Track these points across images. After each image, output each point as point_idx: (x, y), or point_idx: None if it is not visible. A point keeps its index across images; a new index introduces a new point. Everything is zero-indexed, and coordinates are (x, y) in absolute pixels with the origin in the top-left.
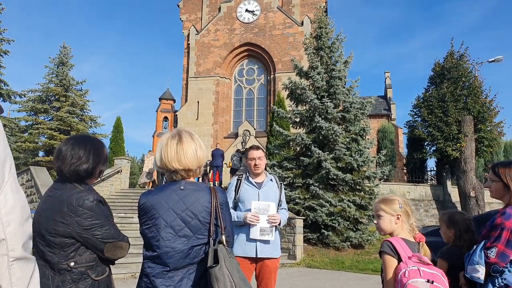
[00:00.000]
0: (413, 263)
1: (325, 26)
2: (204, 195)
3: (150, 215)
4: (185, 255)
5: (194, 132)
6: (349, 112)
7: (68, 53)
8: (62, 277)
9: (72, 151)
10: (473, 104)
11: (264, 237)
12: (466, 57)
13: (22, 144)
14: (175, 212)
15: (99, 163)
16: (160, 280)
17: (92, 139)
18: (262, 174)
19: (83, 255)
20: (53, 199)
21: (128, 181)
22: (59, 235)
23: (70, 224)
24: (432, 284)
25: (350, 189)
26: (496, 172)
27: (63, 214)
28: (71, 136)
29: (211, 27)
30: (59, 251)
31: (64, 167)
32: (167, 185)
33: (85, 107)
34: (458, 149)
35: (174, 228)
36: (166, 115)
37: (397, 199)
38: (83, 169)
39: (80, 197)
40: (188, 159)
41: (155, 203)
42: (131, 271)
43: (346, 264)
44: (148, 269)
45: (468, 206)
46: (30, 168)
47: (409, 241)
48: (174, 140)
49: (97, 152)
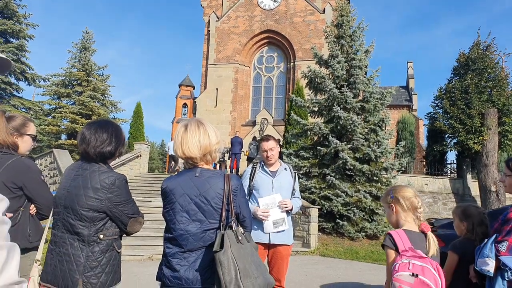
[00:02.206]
0: (406, 257)
1: (347, 14)
2: (217, 181)
3: (169, 200)
4: (199, 238)
5: (212, 119)
6: (369, 102)
7: (90, 39)
8: (91, 248)
9: (96, 135)
10: (498, 96)
11: (278, 228)
12: (493, 48)
13: (46, 127)
14: (190, 197)
15: (120, 145)
16: (176, 260)
17: (112, 123)
18: (276, 163)
19: (110, 229)
20: (83, 177)
21: (147, 166)
22: (92, 210)
23: (103, 199)
24: (417, 277)
25: (367, 180)
26: (510, 167)
27: (96, 190)
28: (93, 121)
29: (231, 13)
30: (90, 224)
31: (90, 149)
32: (185, 171)
33: (106, 92)
34: (480, 143)
35: (188, 212)
36: (186, 101)
37: (390, 189)
38: (108, 151)
39: (112, 176)
40: (190, 147)
41: (173, 188)
42: (148, 253)
43: (360, 254)
44: (167, 249)
45: (488, 201)
46: (53, 151)
47: (413, 232)
48: (181, 130)
49: (118, 135)
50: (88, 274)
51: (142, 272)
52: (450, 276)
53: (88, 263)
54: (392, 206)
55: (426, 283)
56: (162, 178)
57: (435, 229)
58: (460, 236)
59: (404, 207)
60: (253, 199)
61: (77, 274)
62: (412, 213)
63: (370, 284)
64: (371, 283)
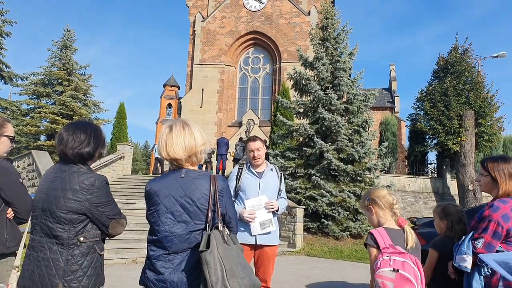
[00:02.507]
0: (387, 254)
1: (332, 17)
2: (203, 182)
3: (152, 201)
4: (184, 239)
5: (197, 120)
6: (353, 104)
7: (71, 37)
8: (71, 251)
9: (74, 135)
10: (474, 98)
11: (266, 229)
12: (470, 52)
13: (24, 128)
14: (175, 198)
15: (99, 146)
16: (161, 262)
17: (92, 124)
18: (262, 164)
19: (91, 231)
20: (62, 179)
21: (130, 167)
22: (70, 212)
23: (83, 201)
24: (398, 272)
25: (351, 180)
26: (485, 167)
27: (75, 192)
28: (71, 122)
29: (217, 14)
30: (69, 226)
31: (67, 150)
32: (170, 172)
33: (88, 92)
34: (458, 143)
35: (173, 213)
36: (170, 102)
37: (365, 194)
38: (86, 152)
39: (91, 177)
40: (175, 149)
41: (157, 189)
42: (132, 256)
43: (345, 253)
44: (151, 252)
45: (466, 199)
46: (32, 152)
47: (393, 229)
48: (166, 131)
49: (97, 135)
50: (68, 278)
51: (126, 275)
52: (430, 272)
53: (68, 266)
54: (371, 208)
55: (406, 277)
56: (146, 180)
57: (416, 228)
58: (440, 234)
59: (381, 206)
60: (240, 200)
61: (57, 279)
62: (389, 210)
63: (355, 282)
64: (356, 281)
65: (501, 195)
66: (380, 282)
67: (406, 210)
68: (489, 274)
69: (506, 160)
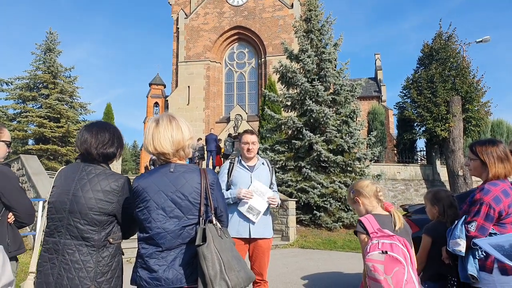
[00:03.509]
0: (376, 238)
1: (315, 8)
2: (194, 176)
3: (142, 198)
4: (177, 235)
5: (185, 117)
6: (340, 95)
7: (55, 39)
8: (101, 252)
9: (99, 136)
10: (461, 84)
11: (249, 215)
12: (454, 38)
13: (11, 133)
14: (166, 194)
15: (120, 146)
16: (154, 260)
17: (111, 125)
18: (254, 157)
19: (117, 232)
20: (91, 180)
21: (120, 168)
22: (103, 213)
23: (114, 202)
24: (387, 254)
25: (341, 170)
26: (473, 151)
27: (107, 193)
28: (90, 123)
29: (200, 10)
30: (100, 228)
31: (92, 150)
32: (158, 168)
33: (74, 94)
34: (446, 129)
35: (165, 209)
36: (157, 100)
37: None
38: (111, 152)
39: (120, 179)
40: (162, 143)
41: (146, 186)
42: (126, 256)
43: (338, 244)
44: (142, 250)
45: (456, 185)
46: (21, 157)
47: (381, 215)
48: (152, 125)
49: (119, 136)
50: (100, 280)
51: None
52: (424, 258)
53: (99, 268)
54: (357, 199)
55: (395, 258)
56: None
57: (409, 215)
58: (433, 220)
59: (366, 195)
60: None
61: (89, 281)
62: (375, 197)
63: (350, 272)
64: (350, 271)
65: (491, 178)
66: (371, 266)
67: (397, 198)
68: (483, 257)
69: (494, 143)
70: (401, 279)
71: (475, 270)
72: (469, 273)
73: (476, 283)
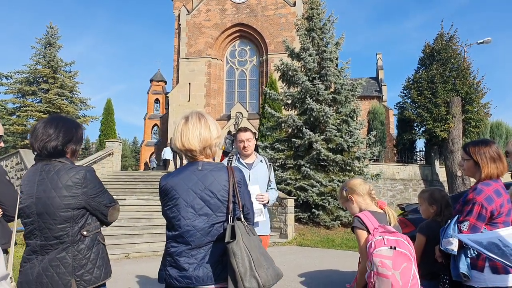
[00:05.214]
0: (379, 234)
1: (317, 7)
2: (221, 174)
3: (170, 196)
4: (206, 232)
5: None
6: (340, 94)
7: (55, 34)
8: (77, 247)
9: (43, 129)
10: (461, 85)
11: (257, 218)
12: (456, 39)
13: (11, 127)
14: (195, 192)
15: (70, 142)
16: (184, 258)
17: (66, 119)
18: (252, 155)
19: (92, 224)
20: (50, 179)
21: (120, 164)
22: (71, 209)
23: (79, 195)
24: (395, 249)
25: (340, 169)
26: (467, 151)
27: (69, 188)
28: (49, 116)
29: (202, 7)
30: (72, 224)
31: (35, 143)
32: (186, 166)
33: (74, 89)
34: (446, 130)
35: (194, 207)
36: (158, 97)
37: (342, 187)
38: (51, 146)
39: (81, 170)
40: (190, 139)
41: (175, 184)
42: (124, 252)
43: (336, 242)
44: (172, 248)
45: (455, 185)
46: (20, 151)
47: (376, 212)
48: (181, 122)
49: (68, 131)
50: (79, 273)
51: (119, 271)
52: (418, 257)
53: (76, 262)
54: (350, 197)
55: (403, 253)
56: (136, 176)
57: (406, 214)
58: (427, 219)
59: (360, 193)
60: None
61: (68, 276)
62: (368, 195)
63: (347, 270)
64: (347, 269)
65: (483, 178)
66: (379, 261)
67: (396, 198)
68: (475, 255)
69: (487, 144)
70: (408, 274)
71: (466, 269)
72: (461, 271)
73: (467, 281)
